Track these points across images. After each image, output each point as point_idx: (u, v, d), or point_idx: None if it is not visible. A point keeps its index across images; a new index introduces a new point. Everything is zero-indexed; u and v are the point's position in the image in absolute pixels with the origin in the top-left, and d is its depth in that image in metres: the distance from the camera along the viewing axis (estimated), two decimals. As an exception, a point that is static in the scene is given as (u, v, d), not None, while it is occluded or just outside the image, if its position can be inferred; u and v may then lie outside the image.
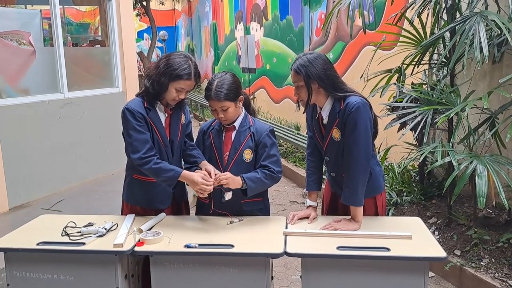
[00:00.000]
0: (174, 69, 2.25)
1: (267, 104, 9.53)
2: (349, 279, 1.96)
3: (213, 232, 2.18)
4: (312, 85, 2.19)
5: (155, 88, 2.29)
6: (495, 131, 3.14)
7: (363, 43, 5.87)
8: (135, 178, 2.44)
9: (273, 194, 5.32)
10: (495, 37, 3.26)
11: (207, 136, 2.44)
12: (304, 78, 2.18)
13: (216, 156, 2.39)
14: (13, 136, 4.91)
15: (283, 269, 3.49)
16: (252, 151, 2.37)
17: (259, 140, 2.37)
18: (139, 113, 2.29)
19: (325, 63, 2.21)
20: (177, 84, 2.26)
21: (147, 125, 2.32)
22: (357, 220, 2.19)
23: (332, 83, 2.21)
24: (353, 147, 2.17)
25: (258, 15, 9.71)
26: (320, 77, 2.18)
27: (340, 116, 2.20)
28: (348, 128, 2.17)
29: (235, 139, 2.38)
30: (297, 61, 2.23)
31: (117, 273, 2.05)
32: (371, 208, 2.34)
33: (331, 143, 2.28)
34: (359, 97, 2.19)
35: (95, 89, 6.00)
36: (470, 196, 3.73)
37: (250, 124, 2.41)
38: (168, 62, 2.27)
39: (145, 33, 18.20)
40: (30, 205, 4.99)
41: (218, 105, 2.28)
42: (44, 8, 6.49)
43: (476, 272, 3.03)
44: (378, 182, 2.34)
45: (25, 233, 2.25)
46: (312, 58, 2.20)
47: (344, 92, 2.21)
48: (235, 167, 2.34)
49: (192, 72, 2.27)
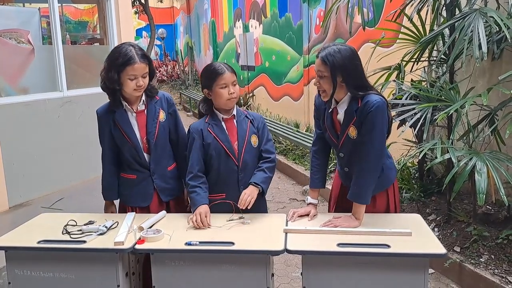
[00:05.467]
0: (116, 58, 2.27)
1: (266, 101, 9.52)
2: (350, 276, 1.96)
3: (213, 229, 2.18)
4: (337, 77, 2.11)
5: (108, 86, 2.32)
6: (495, 128, 3.14)
7: (362, 40, 5.86)
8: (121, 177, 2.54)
9: (273, 192, 5.33)
10: (494, 33, 3.26)
11: (207, 133, 2.39)
12: (330, 69, 2.10)
13: (225, 149, 2.37)
14: (12, 135, 4.91)
15: (284, 266, 3.49)
16: (257, 136, 2.45)
17: (258, 125, 2.47)
18: (101, 117, 2.46)
19: (354, 57, 2.14)
20: (126, 72, 2.26)
21: (109, 127, 2.42)
22: (358, 218, 2.18)
23: (356, 81, 2.14)
24: (368, 146, 2.13)
25: (257, 12, 9.69)
26: (346, 70, 2.11)
27: (358, 115, 2.14)
28: (366, 126, 2.13)
29: (239, 127, 2.41)
30: (326, 50, 2.13)
31: (118, 271, 2.06)
32: (382, 200, 2.33)
33: (347, 140, 2.24)
34: (378, 96, 2.14)
35: (94, 88, 5.97)
36: (469, 192, 3.74)
37: (244, 113, 2.48)
38: (110, 56, 2.30)
39: (144, 31, 18.16)
40: (30, 204, 4.99)
41: (232, 78, 2.35)
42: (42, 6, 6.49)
43: (476, 269, 3.04)
44: (387, 176, 2.32)
45: (25, 231, 2.26)
46: (343, 49, 2.12)
47: (365, 91, 2.15)
48: (247, 155, 2.39)
49: (134, 55, 2.26)
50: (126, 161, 2.48)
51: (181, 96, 13.97)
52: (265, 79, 9.54)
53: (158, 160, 2.47)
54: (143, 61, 2.28)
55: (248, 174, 2.39)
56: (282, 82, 8.67)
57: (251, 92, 10.34)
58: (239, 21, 10.87)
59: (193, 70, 16.20)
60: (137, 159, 2.44)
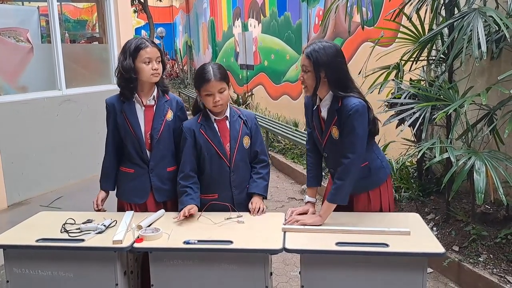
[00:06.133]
0: (128, 47, 2.36)
1: (265, 100, 9.52)
2: (348, 275, 1.96)
3: (212, 228, 2.18)
4: (320, 73, 2.16)
5: (125, 77, 2.36)
6: (494, 127, 3.15)
7: (361, 40, 5.86)
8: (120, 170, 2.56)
9: (272, 191, 5.33)
10: (493, 33, 3.26)
11: (199, 133, 2.38)
12: (313, 64, 2.15)
13: (217, 150, 2.37)
14: (11, 133, 4.91)
15: (282, 265, 3.49)
16: (249, 137, 2.44)
17: (252, 126, 2.46)
18: (109, 105, 2.47)
19: (338, 54, 2.18)
20: (140, 57, 2.34)
21: (114, 114, 2.45)
22: (322, 215, 2.19)
23: (338, 78, 2.17)
24: (348, 150, 2.16)
25: (256, 11, 9.68)
26: (329, 67, 2.15)
27: (339, 115, 2.19)
28: (346, 130, 2.17)
29: (232, 129, 2.40)
30: (311, 46, 2.19)
31: (116, 270, 2.06)
32: (375, 199, 2.33)
33: (330, 140, 2.28)
34: (358, 99, 2.16)
35: (93, 86, 5.99)
36: (468, 192, 3.74)
37: (238, 113, 2.47)
38: (123, 48, 2.40)
39: (143, 30, 18.13)
40: (29, 202, 4.99)
41: (218, 86, 2.30)
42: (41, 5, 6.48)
43: (474, 268, 3.04)
44: (377, 176, 2.33)
45: (24, 230, 2.25)
46: (327, 46, 2.16)
47: (345, 91, 2.18)
48: (239, 156, 2.40)
49: (146, 41, 2.38)
50: (128, 154, 2.49)
51: (179, 95, 13.96)
52: (264, 78, 9.53)
53: (159, 158, 2.47)
54: (154, 45, 2.39)
55: (240, 175, 2.42)
56: (281, 81, 8.67)
57: (250, 91, 10.33)
58: (238, 20, 10.86)
59: (192, 69, 16.19)
60: (139, 153, 2.45)
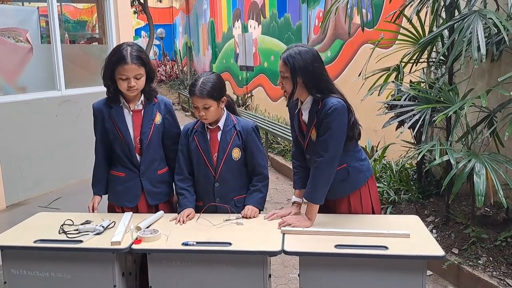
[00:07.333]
0: (112, 56, 2.31)
1: (264, 102, 9.52)
2: (347, 278, 1.95)
3: (210, 230, 2.17)
4: (297, 78, 2.16)
5: (104, 82, 2.37)
6: (494, 130, 3.14)
7: (361, 41, 5.86)
8: (110, 173, 2.56)
9: (271, 192, 5.32)
10: (493, 35, 3.26)
11: (192, 139, 2.41)
12: (290, 70, 2.15)
13: (205, 158, 2.38)
14: (10, 133, 4.90)
15: (281, 267, 3.48)
16: (240, 150, 2.39)
17: (246, 137, 2.40)
18: (96, 110, 2.47)
19: (315, 59, 2.17)
20: (117, 72, 2.29)
21: (102, 120, 2.44)
22: (310, 218, 2.19)
23: (316, 82, 2.17)
24: (323, 147, 2.16)
25: (256, 13, 9.69)
26: (306, 72, 2.15)
27: (318, 116, 2.19)
28: (323, 128, 2.16)
29: (222, 139, 2.38)
30: (287, 51, 2.20)
31: (114, 271, 2.05)
32: (356, 202, 2.33)
33: (311, 142, 2.28)
34: (337, 99, 2.16)
35: (92, 87, 5.97)
36: (468, 194, 3.73)
37: (234, 123, 2.42)
38: (109, 54, 2.35)
39: (143, 31, 18.16)
40: (27, 203, 4.98)
41: (200, 102, 2.27)
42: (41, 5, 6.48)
43: (474, 271, 3.03)
44: (356, 179, 2.32)
45: (22, 230, 2.25)
46: (304, 51, 2.16)
47: (323, 94, 2.18)
48: (225, 167, 2.37)
49: (127, 56, 2.26)
50: (117, 157, 2.49)
51: (179, 96, 13.97)
52: (264, 80, 9.53)
53: (149, 162, 2.46)
54: (136, 62, 2.27)
55: (226, 187, 2.40)
56: (281, 83, 8.66)
57: (250, 93, 10.33)
58: (238, 21, 10.87)
59: (192, 70, 16.20)
60: (129, 157, 2.44)
